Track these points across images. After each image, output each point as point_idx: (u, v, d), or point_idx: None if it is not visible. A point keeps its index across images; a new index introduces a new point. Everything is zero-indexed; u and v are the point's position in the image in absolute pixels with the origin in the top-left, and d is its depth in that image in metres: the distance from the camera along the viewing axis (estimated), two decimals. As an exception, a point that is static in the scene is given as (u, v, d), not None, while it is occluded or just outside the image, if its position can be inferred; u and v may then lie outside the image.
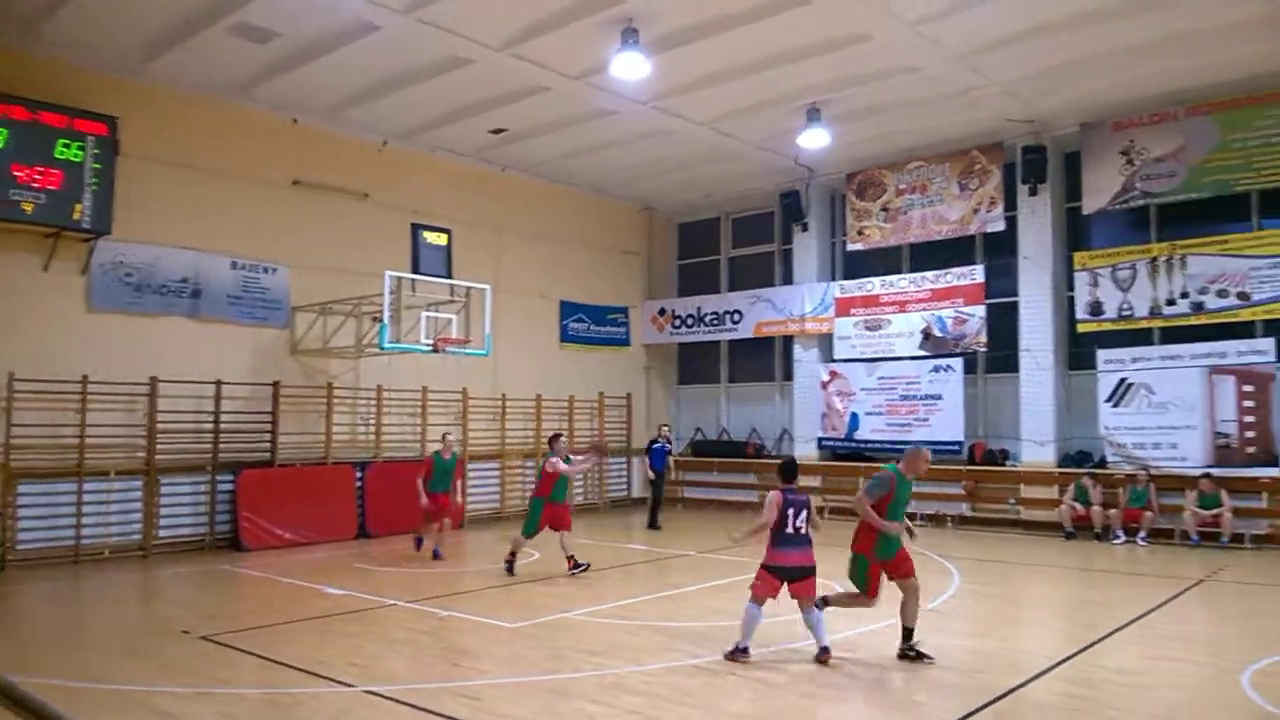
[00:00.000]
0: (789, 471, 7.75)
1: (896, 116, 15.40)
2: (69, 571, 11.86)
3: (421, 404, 16.58)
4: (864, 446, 18.04)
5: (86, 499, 12.63)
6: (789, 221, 19.59)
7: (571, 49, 12.67)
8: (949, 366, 16.91)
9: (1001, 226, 16.56)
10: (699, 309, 20.83)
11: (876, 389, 17.81)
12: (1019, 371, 16.35)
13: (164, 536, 13.36)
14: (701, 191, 20.25)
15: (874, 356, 17.99)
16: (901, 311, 17.73)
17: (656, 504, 16.81)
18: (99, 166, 12.51)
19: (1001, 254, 16.95)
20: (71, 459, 12.57)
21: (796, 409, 19.23)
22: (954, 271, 17.19)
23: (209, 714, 6.04)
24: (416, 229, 14.35)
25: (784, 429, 19.88)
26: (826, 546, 7.70)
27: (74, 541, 12.49)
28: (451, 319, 14.12)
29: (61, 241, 12.56)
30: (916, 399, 17.24)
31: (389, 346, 13.51)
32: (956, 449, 16.63)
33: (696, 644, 7.87)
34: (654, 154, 17.48)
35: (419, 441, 16.41)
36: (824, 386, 18.56)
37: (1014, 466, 16.37)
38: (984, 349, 16.87)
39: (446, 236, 14.51)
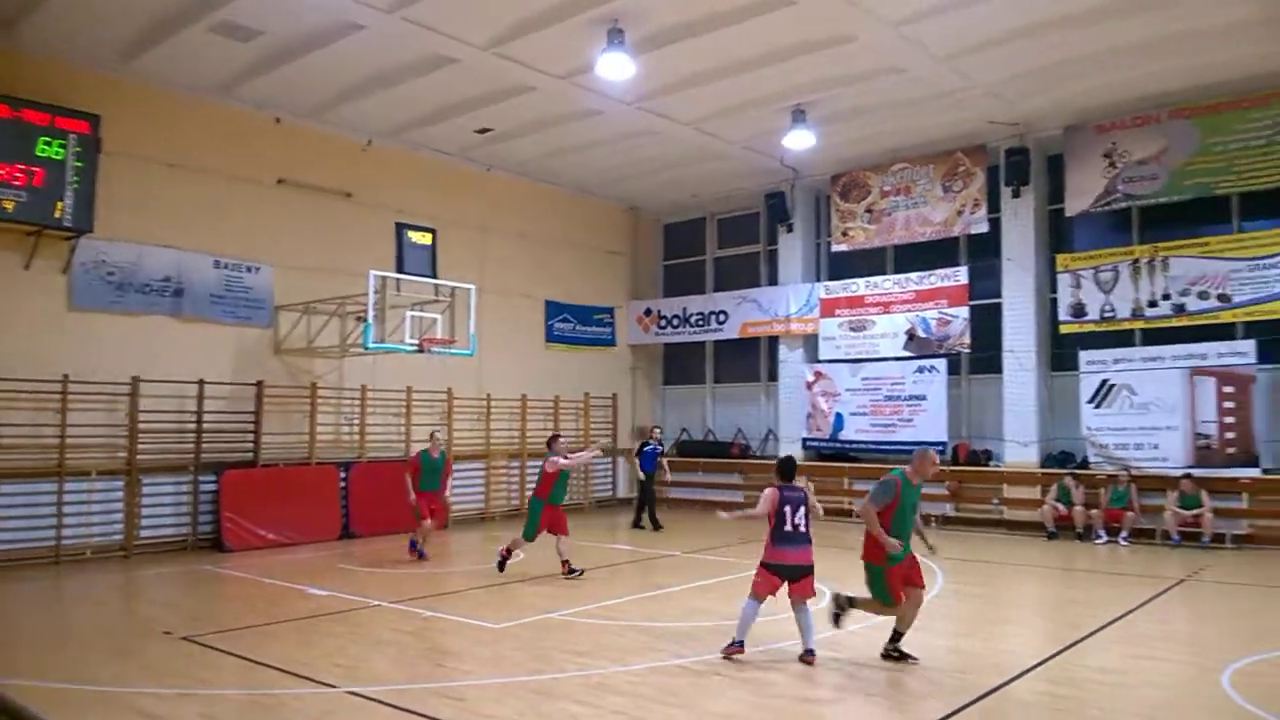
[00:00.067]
0: (787, 470, 7.72)
1: (881, 118, 15.47)
2: (50, 572, 11.76)
3: (406, 404, 16.52)
4: (849, 447, 18.10)
5: (67, 499, 12.53)
6: (774, 222, 19.64)
7: (557, 49, 12.65)
8: (933, 367, 16.99)
9: (985, 228, 16.66)
10: (684, 309, 20.84)
11: (861, 389, 17.87)
12: (1002, 372, 16.44)
13: (146, 537, 13.26)
14: (687, 192, 20.28)
15: (858, 357, 18.05)
16: (886, 312, 17.80)
17: (643, 505, 16.82)
18: (81, 165, 12.41)
19: (985, 255, 17.05)
20: (52, 459, 12.46)
21: (782, 409, 19.29)
22: (938, 273, 17.28)
23: (191, 715, 6.01)
24: (401, 228, 14.33)
25: (769, 429, 19.92)
26: (816, 545, 7.61)
27: (55, 542, 12.39)
28: (436, 319, 14.06)
29: (43, 240, 12.46)
30: (901, 400, 17.31)
31: (373, 346, 13.46)
32: (940, 450, 16.68)
33: (681, 644, 7.86)
34: (639, 154, 17.49)
35: (403, 442, 16.36)
36: (809, 387, 18.61)
37: (997, 467, 16.46)
38: (967, 350, 16.96)
39: (431, 236, 14.50)
